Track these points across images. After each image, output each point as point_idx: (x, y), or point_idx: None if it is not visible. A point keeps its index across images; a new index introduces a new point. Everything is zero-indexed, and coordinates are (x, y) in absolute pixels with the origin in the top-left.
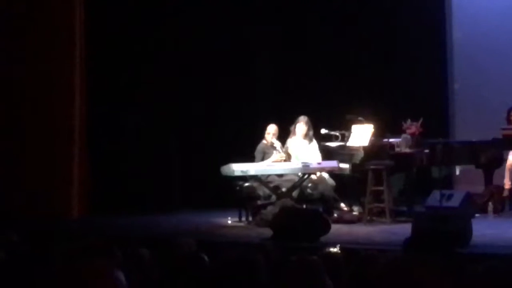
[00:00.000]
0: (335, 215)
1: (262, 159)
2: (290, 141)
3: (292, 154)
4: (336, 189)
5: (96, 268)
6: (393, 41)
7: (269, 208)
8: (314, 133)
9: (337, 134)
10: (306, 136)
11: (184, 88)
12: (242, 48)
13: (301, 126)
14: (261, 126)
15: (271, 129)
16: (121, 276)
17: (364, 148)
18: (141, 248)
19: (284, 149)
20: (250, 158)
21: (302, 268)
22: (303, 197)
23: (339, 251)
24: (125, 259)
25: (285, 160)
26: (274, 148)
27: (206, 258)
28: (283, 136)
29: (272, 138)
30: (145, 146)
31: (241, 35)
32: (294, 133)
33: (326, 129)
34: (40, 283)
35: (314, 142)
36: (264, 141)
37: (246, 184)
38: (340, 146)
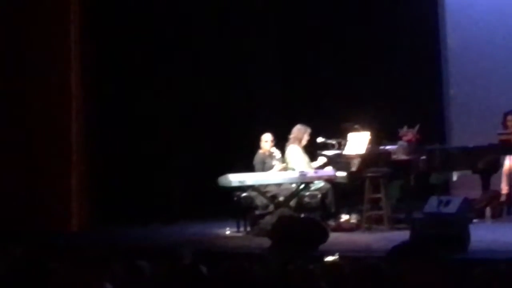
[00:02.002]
0: (333, 223)
1: (262, 168)
2: (295, 148)
3: (299, 161)
4: (335, 197)
5: (85, 281)
6: (388, 48)
7: (267, 217)
8: (311, 142)
9: (334, 142)
10: (304, 146)
11: (181, 99)
12: (238, 58)
13: (306, 137)
14: (257, 136)
15: (268, 138)
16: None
17: (361, 156)
18: (140, 260)
19: (284, 158)
20: (247, 168)
21: (300, 277)
22: (301, 206)
23: (338, 260)
24: (124, 271)
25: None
26: (274, 157)
27: (204, 269)
28: (278, 145)
29: (270, 146)
30: (143, 158)
31: (238, 45)
32: (298, 142)
33: (322, 137)
34: None
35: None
36: (261, 151)
37: (244, 194)
38: (337, 154)
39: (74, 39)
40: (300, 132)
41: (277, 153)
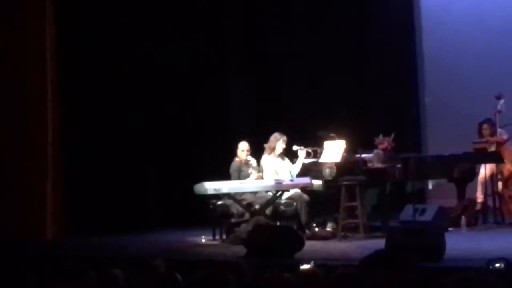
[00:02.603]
0: (307, 231)
1: (238, 177)
2: (267, 158)
3: (270, 171)
4: (311, 205)
5: None
6: (364, 57)
7: (243, 226)
8: (286, 150)
9: (309, 150)
10: (281, 153)
11: (157, 107)
12: (214, 67)
13: (281, 144)
14: (233, 144)
15: (245, 146)
16: None
17: (337, 164)
18: (115, 269)
19: (260, 166)
20: (223, 176)
21: (276, 285)
22: (277, 214)
23: (314, 268)
24: (100, 281)
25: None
26: (250, 165)
27: (179, 277)
28: (255, 153)
29: (246, 155)
30: (119, 166)
31: (213, 53)
32: (272, 151)
33: (297, 145)
34: None
35: (286, 158)
36: (237, 159)
37: (220, 202)
38: (312, 162)
39: (49, 46)
40: (273, 141)
41: (253, 161)
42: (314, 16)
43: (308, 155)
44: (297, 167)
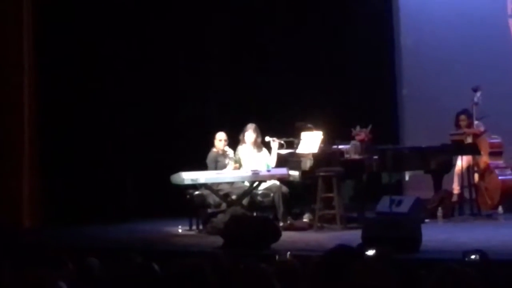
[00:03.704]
0: (281, 224)
1: (215, 167)
2: (240, 149)
3: (243, 162)
4: (288, 196)
5: (39, 279)
6: (341, 48)
7: (220, 216)
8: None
9: (282, 141)
10: (255, 143)
11: (134, 97)
12: (190, 56)
13: (250, 133)
14: (209, 134)
15: (222, 137)
16: (64, 287)
17: (314, 155)
18: (92, 258)
19: (235, 157)
20: (200, 166)
21: (252, 276)
22: (254, 205)
23: (290, 259)
24: (76, 269)
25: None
26: (227, 155)
27: (156, 267)
28: (231, 144)
29: (224, 145)
30: (96, 156)
31: (190, 43)
32: (244, 141)
33: (270, 137)
34: None
35: (264, 149)
36: (214, 149)
37: (197, 193)
38: (289, 153)
39: (27, 38)
40: (243, 131)
41: (230, 152)
42: (291, 5)
43: (280, 146)
44: (272, 158)
